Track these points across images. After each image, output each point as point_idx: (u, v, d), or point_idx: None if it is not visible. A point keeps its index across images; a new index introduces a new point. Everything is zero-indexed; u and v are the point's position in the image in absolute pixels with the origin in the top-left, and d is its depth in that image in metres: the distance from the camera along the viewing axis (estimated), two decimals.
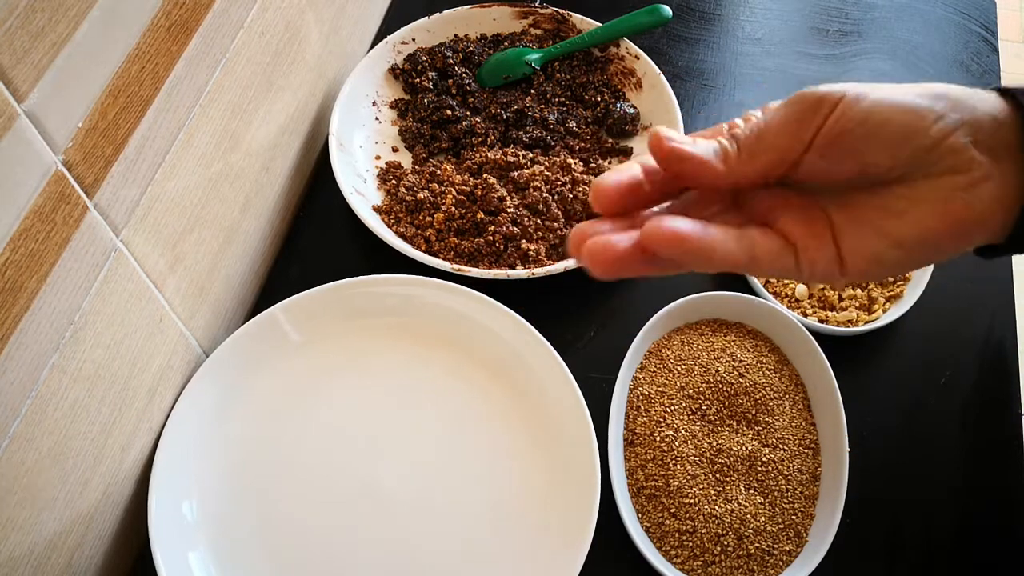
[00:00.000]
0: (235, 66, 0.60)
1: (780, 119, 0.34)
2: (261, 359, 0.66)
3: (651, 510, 0.61)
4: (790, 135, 0.34)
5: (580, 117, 0.81)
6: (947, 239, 0.34)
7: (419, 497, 0.62)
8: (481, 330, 0.67)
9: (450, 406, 0.66)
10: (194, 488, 0.61)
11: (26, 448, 0.47)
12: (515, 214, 0.72)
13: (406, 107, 0.83)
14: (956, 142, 0.33)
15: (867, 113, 0.33)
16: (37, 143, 0.42)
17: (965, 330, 0.71)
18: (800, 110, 0.34)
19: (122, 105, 0.48)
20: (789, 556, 0.59)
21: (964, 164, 0.33)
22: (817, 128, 0.33)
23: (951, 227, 0.34)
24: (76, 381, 0.50)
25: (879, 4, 0.93)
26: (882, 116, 0.33)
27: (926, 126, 0.33)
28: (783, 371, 0.66)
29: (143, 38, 0.49)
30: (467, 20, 0.87)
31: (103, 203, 0.49)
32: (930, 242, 0.34)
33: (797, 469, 0.61)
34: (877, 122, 0.33)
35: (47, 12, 0.41)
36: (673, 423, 0.63)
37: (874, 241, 0.34)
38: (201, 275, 0.63)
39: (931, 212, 0.33)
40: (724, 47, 0.90)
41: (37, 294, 0.45)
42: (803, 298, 0.70)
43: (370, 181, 0.77)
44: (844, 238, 0.35)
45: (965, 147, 0.33)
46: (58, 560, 0.52)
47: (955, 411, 0.67)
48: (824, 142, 0.34)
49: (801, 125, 0.34)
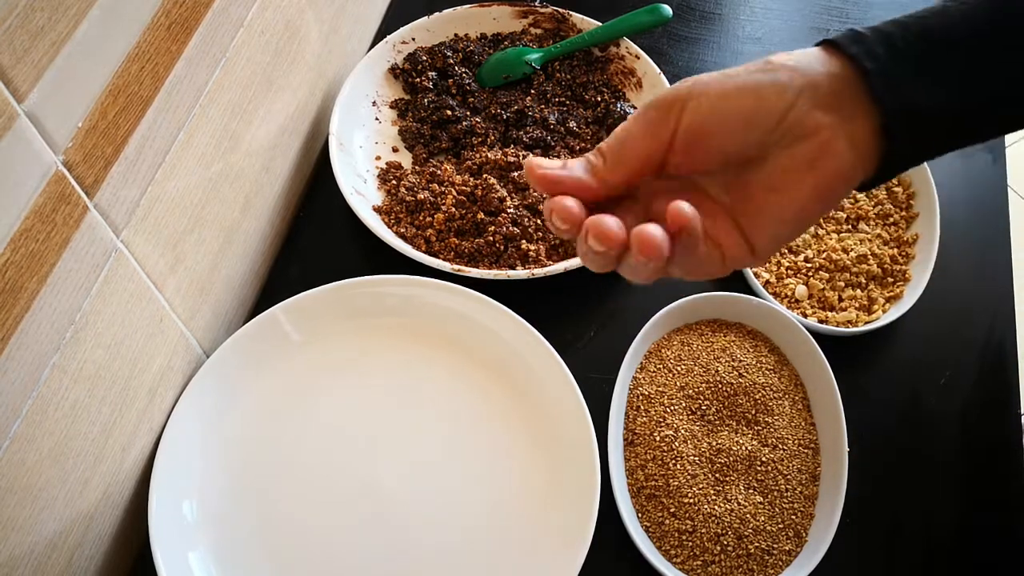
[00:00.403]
0: (235, 65, 0.60)
1: (639, 125, 0.37)
2: (261, 359, 0.66)
3: (651, 510, 0.61)
4: (649, 138, 0.36)
5: (580, 117, 0.81)
6: (820, 203, 0.37)
7: (419, 497, 0.62)
8: (481, 330, 0.67)
9: (450, 406, 0.66)
10: (194, 488, 0.61)
11: (27, 448, 0.47)
12: (515, 214, 0.72)
13: (406, 107, 0.83)
14: (799, 111, 0.35)
15: (712, 106, 0.35)
16: (37, 143, 0.42)
17: (965, 330, 0.71)
18: (655, 115, 0.36)
19: (122, 105, 0.48)
20: (789, 556, 0.59)
21: (811, 129, 0.35)
22: (672, 130, 0.36)
23: (819, 192, 0.36)
24: (77, 381, 0.50)
25: (879, 4, 0.93)
26: (726, 106, 0.35)
27: (768, 105, 0.35)
28: (783, 371, 0.66)
29: (143, 37, 0.49)
30: (467, 20, 0.87)
31: (103, 203, 0.49)
32: (808, 210, 0.37)
33: (797, 469, 0.61)
34: (723, 113, 0.35)
35: (47, 11, 0.41)
36: (673, 423, 0.63)
37: (767, 223, 0.37)
38: (201, 275, 0.63)
39: (800, 184, 0.36)
40: (724, 47, 0.90)
41: (37, 294, 0.45)
42: (803, 298, 0.70)
43: (370, 181, 0.77)
44: (744, 224, 0.37)
45: (808, 113, 0.35)
46: (58, 560, 0.52)
47: (955, 411, 0.67)
48: (682, 141, 0.36)
49: (658, 127, 0.36)
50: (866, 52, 0.36)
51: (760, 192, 0.37)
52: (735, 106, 0.36)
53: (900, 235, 0.73)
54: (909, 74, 0.36)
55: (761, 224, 0.37)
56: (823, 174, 0.36)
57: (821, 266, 0.71)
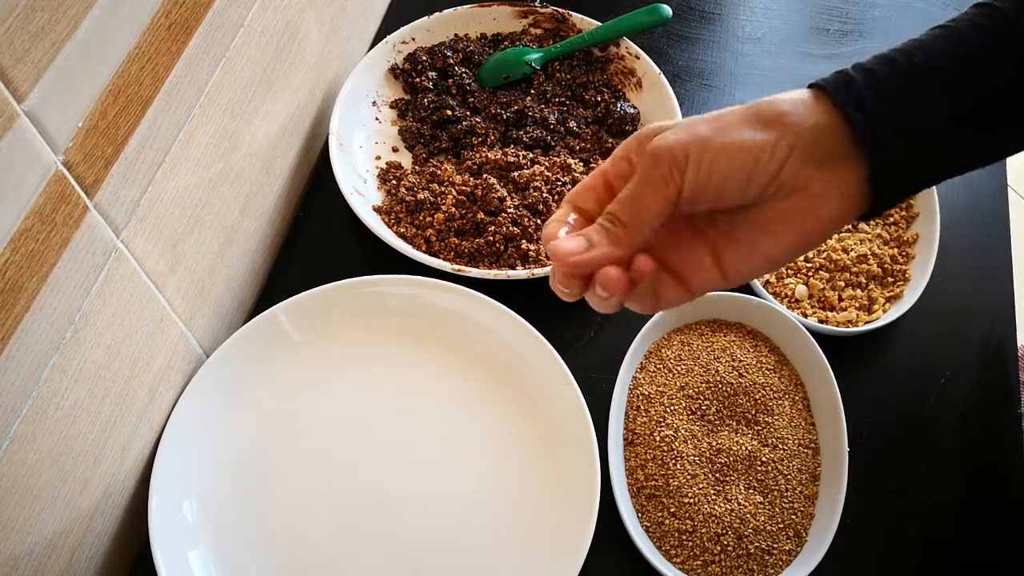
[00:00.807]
0: (235, 66, 0.60)
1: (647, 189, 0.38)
2: (261, 359, 0.66)
3: (651, 510, 0.61)
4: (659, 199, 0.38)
5: (580, 117, 0.81)
6: (805, 246, 0.39)
7: (418, 496, 0.62)
8: (481, 330, 0.67)
9: (450, 406, 0.66)
10: (194, 488, 0.61)
11: (27, 448, 0.47)
12: (515, 214, 0.72)
13: (406, 107, 0.83)
14: (790, 168, 0.37)
15: (713, 164, 0.37)
16: (37, 143, 0.42)
17: (965, 330, 0.71)
18: (659, 174, 0.38)
19: (122, 105, 0.48)
20: (789, 556, 0.59)
21: (803, 183, 0.37)
22: (678, 187, 0.37)
23: (807, 237, 0.38)
24: (77, 381, 0.50)
25: (879, 3, 0.93)
26: (727, 165, 0.37)
27: (762, 166, 0.37)
28: (783, 371, 0.66)
29: (143, 37, 0.49)
30: (467, 20, 0.87)
31: (103, 203, 0.49)
32: (793, 250, 0.39)
33: (797, 469, 0.62)
34: (724, 171, 0.37)
35: (47, 11, 0.41)
36: (673, 423, 0.63)
37: (750, 258, 0.39)
38: (201, 275, 0.63)
39: (789, 229, 0.38)
40: (724, 47, 0.90)
41: (37, 294, 0.45)
42: (803, 298, 0.70)
43: (370, 181, 0.77)
44: (724, 256, 0.40)
45: (799, 169, 0.37)
46: (58, 560, 0.52)
47: (955, 411, 0.67)
48: (687, 195, 0.38)
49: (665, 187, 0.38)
50: (854, 100, 0.37)
51: (747, 230, 0.39)
52: (735, 164, 0.37)
53: (900, 235, 0.73)
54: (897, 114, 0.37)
55: (741, 257, 0.39)
56: (812, 222, 0.38)
57: (821, 266, 0.71)
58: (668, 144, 0.37)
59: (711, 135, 0.37)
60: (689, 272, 0.40)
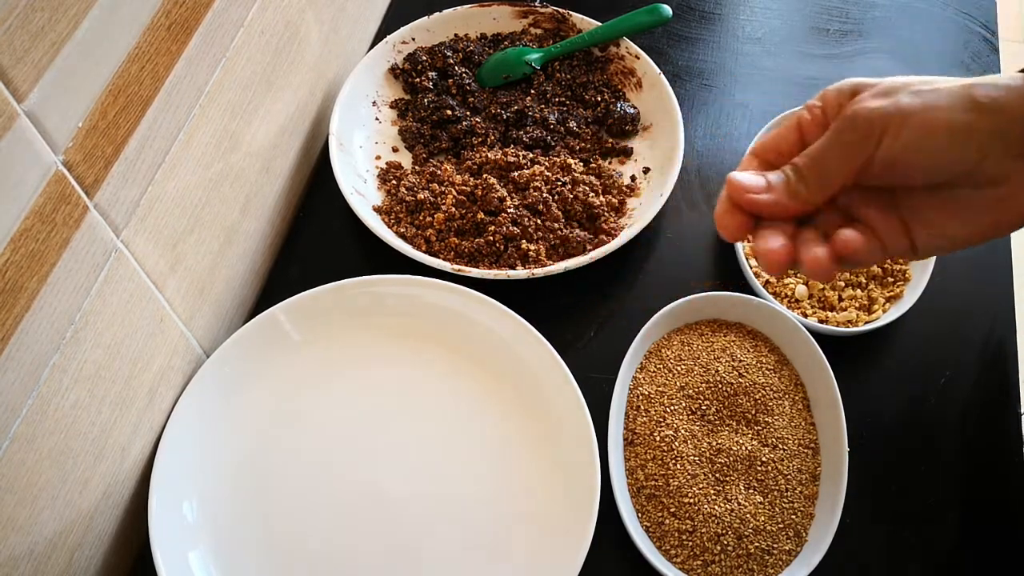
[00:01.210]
0: (235, 66, 0.60)
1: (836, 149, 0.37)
2: (261, 359, 0.66)
3: (651, 510, 0.61)
4: (847, 163, 0.37)
5: (580, 117, 0.81)
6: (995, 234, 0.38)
7: (419, 496, 0.62)
8: (481, 330, 0.67)
9: (450, 406, 0.66)
10: (194, 488, 0.61)
11: (27, 448, 0.47)
12: (515, 214, 0.72)
13: (406, 107, 0.83)
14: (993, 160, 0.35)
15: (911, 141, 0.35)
16: (37, 143, 0.42)
17: (965, 330, 0.71)
18: (852, 138, 0.36)
19: (122, 105, 0.48)
20: (789, 556, 0.59)
21: (1002, 176, 0.36)
22: (869, 156, 0.36)
23: (997, 227, 0.38)
24: (77, 381, 0.50)
25: (879, 3, 0.93)
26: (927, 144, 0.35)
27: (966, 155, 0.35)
28: (783, 371, 0.66)
29: (143, 37, 0.49)
30: (467, 19, 0.87)
31: (103, 203, 0.49)
32: (985, 237, 0.38)
33: (797, 469, 0.62)
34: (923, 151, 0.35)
35: (47, 11, 0.41)
36: (673, 423, 0.63)
37: (937, 238, 0.39)
38: (201, 275, 0.63)
39: (978, 218, 0.38)
40: (724, 47, 0.90)
41: (37, 294, 0.45)
42: (803, 298, 0.70)
43: (370, 181, 0.77)
44: (914, 232, 0.39)
45: (1000, 161, 0.35)
46: (58, 560, 0.52)
47: (955, 411, 0.67)
48: (878, 167, 0.36)
49: (856, 152, 0.36)
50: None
51: (938, 212, 0.38)
52: (935, 146, 0.36)
53: None
54: None
55: (930, 235, 0.39)
56: (1005, 214, 0.37)
57: None
58: (867, 111, 0.36)
59: (915, 109, 0.36)
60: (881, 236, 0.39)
